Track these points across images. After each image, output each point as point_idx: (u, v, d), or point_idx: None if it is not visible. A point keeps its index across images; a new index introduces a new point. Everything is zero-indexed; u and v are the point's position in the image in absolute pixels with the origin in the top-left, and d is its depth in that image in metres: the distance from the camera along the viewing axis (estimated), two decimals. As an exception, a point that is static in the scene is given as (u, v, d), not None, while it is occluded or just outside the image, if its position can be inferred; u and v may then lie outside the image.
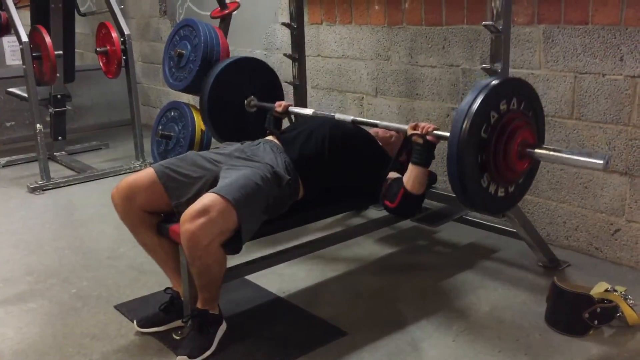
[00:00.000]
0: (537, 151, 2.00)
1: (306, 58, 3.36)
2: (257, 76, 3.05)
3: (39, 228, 3.30)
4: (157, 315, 2.19)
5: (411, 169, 2.17)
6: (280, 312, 2.32)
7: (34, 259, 2.88)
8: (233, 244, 1.95)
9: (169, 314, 2.18)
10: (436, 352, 2.02)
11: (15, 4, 4.00)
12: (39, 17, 4.31)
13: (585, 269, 2.58)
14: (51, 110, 4.58)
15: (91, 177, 4.16)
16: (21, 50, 3.86)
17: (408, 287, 2.49)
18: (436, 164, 3.13)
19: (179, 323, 2.15)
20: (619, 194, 2.55)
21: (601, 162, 1.85)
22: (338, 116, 2.61)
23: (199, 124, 3.51)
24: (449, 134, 1.94)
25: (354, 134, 2.44)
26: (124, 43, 4.11)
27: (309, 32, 3.67)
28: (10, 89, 4.56)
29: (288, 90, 3.29)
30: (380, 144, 2.48)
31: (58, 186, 3.99)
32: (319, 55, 3.76)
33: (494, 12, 2.19)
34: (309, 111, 2.81)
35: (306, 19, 3.57)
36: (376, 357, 1.99)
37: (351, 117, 2.57)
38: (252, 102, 2.99)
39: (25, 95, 4.08)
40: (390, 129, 2.48)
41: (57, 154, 4.70)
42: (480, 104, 1.89)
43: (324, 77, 3.77)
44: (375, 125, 2.49)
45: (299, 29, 3.22)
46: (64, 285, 2.59)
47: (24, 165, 4.52)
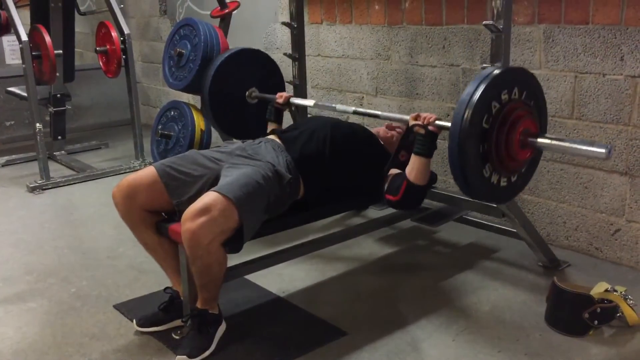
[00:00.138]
0: (539, 140, 1.99)
1: (306, 57, 3.36)
2: (258, 68, 3.06)
3: (38, 227, 3.29)
4: (156, 314, 2.18)
5: (414, 159, 2.17)
6: (279, 312, 2.32)
7: (33, 258, 2.88)
8: (234, 242, 1.95)
9: (169, 313, 2.18)
10: (436, 351, 2.02)
11: (15, 3, 3.99)
12: (39, 17, 4.31)
13: (586, 269, 2.58)
14: (51, 109, 4.58)
15: (91, 176, 4.15)
16: (21, 49, 3.86)
17: (408, 287, 2.48)
18: (436, 163, 3.14)
19: (178, 322, 2.15)
20: (619, 194, 2.54)
21: (603, 151, 1.83)
22: (339, 107, 2.61)
23: (198, 123, 3.51)
24: (450, 124, 1.93)
25: (355, 134, 2.44)
26: (123, 42, 4.11)
27: (309, 31, 3.67)
28: (9, 88, 4.55)
29: (288, 90, 3.29)
30: (382, 143, 2.49)
31: (57, 186, 3.99)
32: (319, 54, 3.76)
33: (495, 11, 2.19)
34: (310, 102, 2.82)
35: (306, 18, 3.56)
36: (376, 357, 1.99)
37: (352, 108, 2.58)
38: (254, 94, 3.00)
39: (25, 94, 4.07)
40: (391, 119, 2.48)
41: (56, 153, 4.70)
42: (481, 94, 1.88)
43: (324, 77, 3.77)
44: (376, 116, 2.49)
45: (299, 29, 3.21)
46: (63, 284, 2.59)
47: (23, 165, 4.52)
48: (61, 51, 4.18)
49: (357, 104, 3.58)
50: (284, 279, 2.55)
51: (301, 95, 3.29)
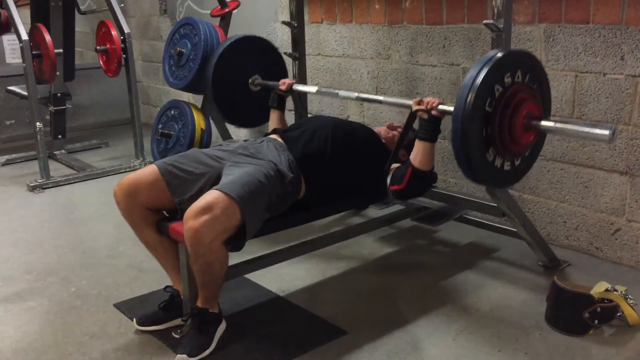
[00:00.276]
0: (542, 123, 1.98)
1: (306, 57, 3.36)
2: (260, 55, 3.06)
3: (38, 226, 3.29)
4: (156, 313, 2.18)
5: (418, 145, 2.18)
6: (279, 311, 2.32)
7: (33, 257, 2.88)
8: (236, 241, 1.96)
9: (169, 312, 2.18)
10: (436, 351, 2.02)
11: (15, 2, 3.99)
12: (39, 16, 4.31)
13: (586, 269, 2.57)
14: (51, 108, 4.59)
15: (91, 175, 4.15)
16: (21, 48, 3.86)
17: (408, 286, 2.48)
18: (435, 162, 3.13)
19: (178, 321, 2.15)
20: (620, 194, 2.54)
21: (607, 132, 1.83)
22: (342, 93, 2.61)
23: (199, 122, 3.51)
24: (453, 108, 1.92)
25: (357, 133, 2.44)
26: (124, 42, 4.11)
27: (309, 30, 3.66)
28: (10, 87, 4.55)
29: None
30: (384, 142, 2.49)
31: (58, 185, 3.98)
32: (319, 54, 3.76)
33: (495, 11, 2.18)
34: (312, 88, 2.83)
35: (306, 17, 3.56)
36: (376, 356, 1.99)
37: (355, 94, 2.58)
38: (257, 81, 3.01)
39: (25, 93, 4.07)
40: (394, 105, 2.47)
41: (56, 152, 4.70)
42: (484, 77, 1.87)
43: (324, 76, 3.76)
44: (379, 102, 2.48)
45: (299, 28, 3.21)
46: (63, 283, 2.59)
47: (23, 164, 4.52)
48: (61, 50, 4.19)
49: (357, 103, 3.58)
50: (284, 278, 2.55)
51: (302, 94, 3.28)
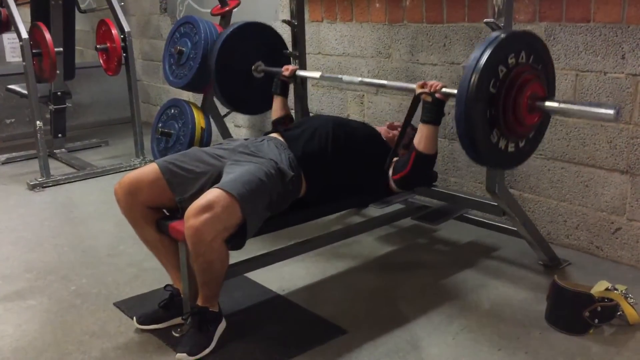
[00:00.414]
0: (547, 104, 1.98)
1: (307, 55, 3.35)
2: (263, 42, 3.06)
3: (38, 225, 3.29)
4: (156, 312, 2.18)
5: (421, 128, 2.19)
6: (279, 310, 2.31)
7: (33, 256, 2.88)
8: (236, 239, 1.96)
9: (169, 311, 2.18)
10: (436, 350, 2.01)
11: (16, 1, 3.99)
12: (39, 14, 4.31)
13: (586, 268, 2.57)
14: (51, 107, 4.58)
15: (91, 174, 4.15)
16: (21, 47, 3.86)
17: (408, 285, 2.48)
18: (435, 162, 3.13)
19: (178, 320, 2.15)
20: (620, 193, 2.54)
21: (612, 112, 1.82)
22: (345, 78, 2.62)
23: (199, 121, 3.51)
24: (456, 91, 1.92)
25: (358, 132, 2.44)
26: (124, 40, 4.10)
27: (310, 29, 3.66)
28: (10, 86, 4.55)
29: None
30: (385, 139, 2.49)
31: (58, 183, 3.98)
32: (319, 52, 3.75)
33: (496, 9, 2.18)
34: (316, 74, 2.85)
35: (307, 16, 3.56)
36: (376, 355, 1.99)
37: (359, 79, 2.59)
38: (260, 67, 3.01)
39: (25, 92, 4.07)
40: (398, 89, 2.47)
41: (57, 151, 4.70)
42: (488, 58, 1.86)
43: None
44: (382, 86, 2.48)
45: (300, 27, 3.21)
46: (63, 282, 2.59)
47: (23, 163, 4.52)
48: (61, 49, 4.18)
49: (357, 102, 3.58)
50: (284, 277, 2.55)
51: (302, 93, 3.28)
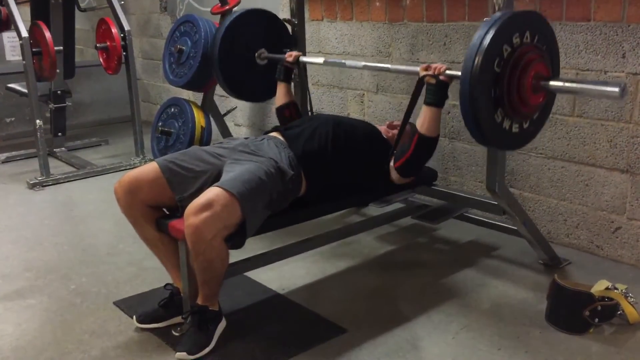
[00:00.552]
0: (551, 83, 1.97)
1: (307, 54, 3.35)
2: (266, 28, 3.06)
3: (38, 224, 3.29)
4: (156, 311, 2.18)
5: (425, 110, 2.20)
6: (279, 309, 2.31)
7: (33, 255, 2.88)
8: (236, 238, 1.96)
9: (169, 310, 2.18)
10: (436, 349, 2.01)
11: (15, 0, 3.99)
12: (39, 13, 4.31)
13: (586, 267, 2.57)
14: (51, 106, 4.58)
15: (91, 173, 4.15)
16: (21, 45, 3.86)
17: (408, 284, 2.48)
18: (435, 160, 3.13)
19: (178, 319, 2.15)
20: (620, 192, 2.54)
21: (617, 89, 1.81)
22: (349, 63, 2.64)
23: (199, 120, 3.51)
24: (460, 72, 1.91)
25: (358, 131, 2.44)
26: (124, 39, 4.10)
27: (310, 28, 3.66)
28: (10, 85, 4.55)
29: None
30: (386, 138, 2.49)
31: (58, 182, 3.98)
32: (319, 51, 3.75)
33: (496, 8, 2.17)
34: (319, 59, 2.86)
35: (307, 15, 3.56)
36: (376, 354, 1.99)
37: (362, 63, 2.61)
38: (263, 55, 3.01)
39: (25, 91, 4.07)
40: (402, 72, 2.47)
41: (56, 150, 4.70)
42: (492, 37, 1.85)
43: (324, 74, 3.76)
44: (387, 70, 2.48)
45: (300, 25, 3.20)
46: (63, 281, 2.59)
47: (23, 161, 4.52)
48: (61, 47, 4.18)
49: (357, 101, 3.57)
50: (284, 276, 2.55)
51: (302, 93, 3.28)
